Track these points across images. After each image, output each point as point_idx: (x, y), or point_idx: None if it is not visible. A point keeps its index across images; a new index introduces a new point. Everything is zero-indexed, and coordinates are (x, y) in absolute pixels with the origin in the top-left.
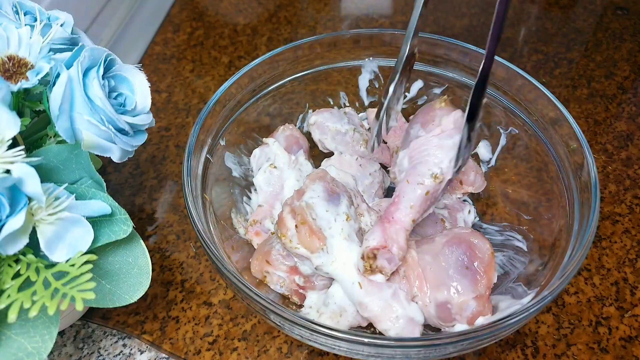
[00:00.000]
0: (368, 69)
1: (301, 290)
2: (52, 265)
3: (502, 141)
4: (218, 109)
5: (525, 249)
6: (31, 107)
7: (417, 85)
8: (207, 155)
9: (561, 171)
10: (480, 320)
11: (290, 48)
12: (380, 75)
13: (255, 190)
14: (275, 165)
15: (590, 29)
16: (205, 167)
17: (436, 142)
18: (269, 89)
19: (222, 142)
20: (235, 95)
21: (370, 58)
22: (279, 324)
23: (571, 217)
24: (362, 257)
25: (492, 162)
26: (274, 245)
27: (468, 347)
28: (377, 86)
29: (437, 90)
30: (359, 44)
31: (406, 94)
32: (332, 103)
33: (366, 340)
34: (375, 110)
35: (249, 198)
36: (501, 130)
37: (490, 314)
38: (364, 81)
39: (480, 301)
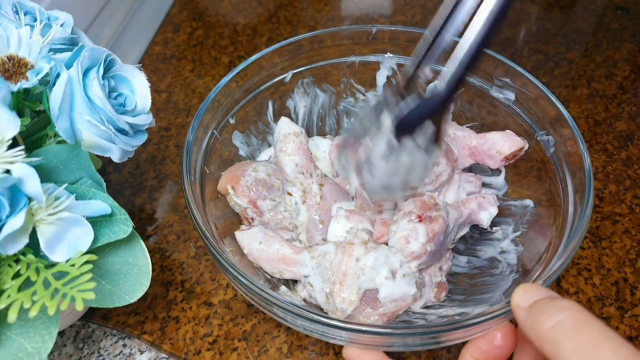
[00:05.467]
0: (387, 65)
1: (250, 220)
2: (52, 265)
3: None
4: (234, 86)
5: (522, 248)
6: (31, 107)
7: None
8: (214, 131)
9: (558, 170)
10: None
11: (324, 34)
12: (398, 72)
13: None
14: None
15: (590, 29)
16: (210, 142)
17: None
18: (290, 73)
19: (232, 121)
20: (256, 75)
21: (389, 54)
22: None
23: (565, 217)
24: None
25: None
26: (246, 176)
27: (460, 337)
28: (394, 83)
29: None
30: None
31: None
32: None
33: (363, 328)
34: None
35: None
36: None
37: None
38: (381, 77)
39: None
